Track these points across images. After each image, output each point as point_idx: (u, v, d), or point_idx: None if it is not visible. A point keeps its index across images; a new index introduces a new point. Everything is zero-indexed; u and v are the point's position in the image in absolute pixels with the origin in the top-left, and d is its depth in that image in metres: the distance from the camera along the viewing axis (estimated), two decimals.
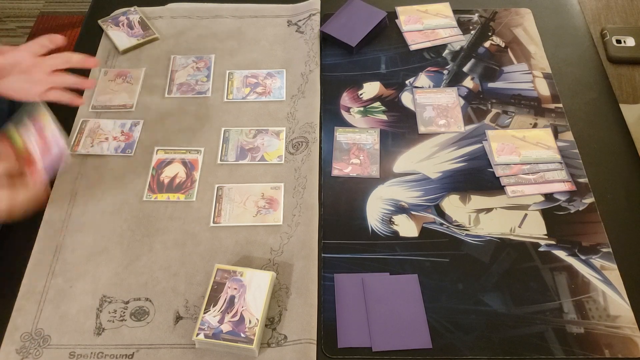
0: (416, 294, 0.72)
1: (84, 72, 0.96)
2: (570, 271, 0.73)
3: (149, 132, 0.89)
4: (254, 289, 0.69)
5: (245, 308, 0.68)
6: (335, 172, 0.84)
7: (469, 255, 0.75)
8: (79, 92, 0.90)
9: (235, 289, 0.69)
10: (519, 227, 0.77)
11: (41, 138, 0.72)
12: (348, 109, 0.91)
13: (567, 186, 0.81)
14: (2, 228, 0.80)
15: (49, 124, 0.73)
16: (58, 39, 0.82)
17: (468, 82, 0.94)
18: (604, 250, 0.75)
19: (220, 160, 0.85)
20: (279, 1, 1.07)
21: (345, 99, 0.93)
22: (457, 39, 1.00)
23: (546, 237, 0.76)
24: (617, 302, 0.70)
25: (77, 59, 0.81)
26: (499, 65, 0.96)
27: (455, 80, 0.95)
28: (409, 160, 0.85)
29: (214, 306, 0.68)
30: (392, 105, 0.92)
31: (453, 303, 0.71)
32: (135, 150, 0.87)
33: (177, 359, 0.67)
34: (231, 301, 0.68)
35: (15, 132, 0.71)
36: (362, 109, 0.91)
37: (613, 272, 0.73)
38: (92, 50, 1.00)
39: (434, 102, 0.91)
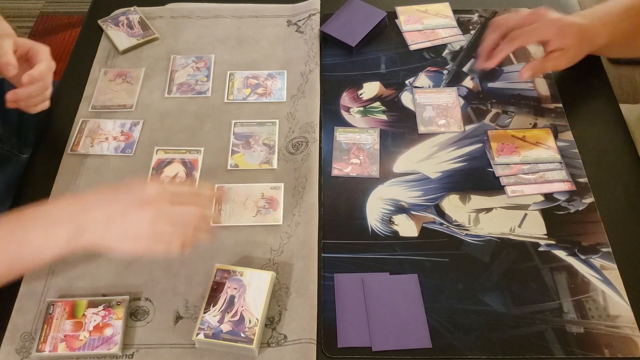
0: (416, 294, 0.72)
1: (84, 72, 0.97)
2: (570, 271, 0.73)
3: (149, 132, 0.89)
4: (254, 289, 0.69)
5: (245, 308, 0.68)
6: (335, 172, 0.84)
7: (469, 255, 0.75)
8: None
9: (235, 288, 0.69)
10: (519, 227, 0.77)
11: None
12: (348, 109, 0.91)
13: (567, 186, 0.81)
14: None
15: None
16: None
17: (468, 82, 0.94)
18: (604, 250, 0.75)
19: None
20: (279, 1, 1.07)
21: (345, 99, 0.93)
22: (457, 39, 1.00)
23: (546, 237, 0.76)
24: (617, 302, 0.70)
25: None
26: (499, 65, 0.96)
27: (455, 80, 0.95)
28: (408, 160, 0.85)
29: (213, 306, 0.68)
30: (392, 105, 0.92)
31: (453, 303, 0.71)
32: (135, 150, 0.87)
33: (177, 359, 0.67)
34: (231, 301, 0.68)
35: None
36: (362, 109, 0.91)
37: (613, 272, 0.73)
38: (92, 50, 1.00)
39: (434, 102, 0.91)
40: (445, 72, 0.96)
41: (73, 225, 0.61)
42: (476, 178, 0.82)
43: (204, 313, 0.67)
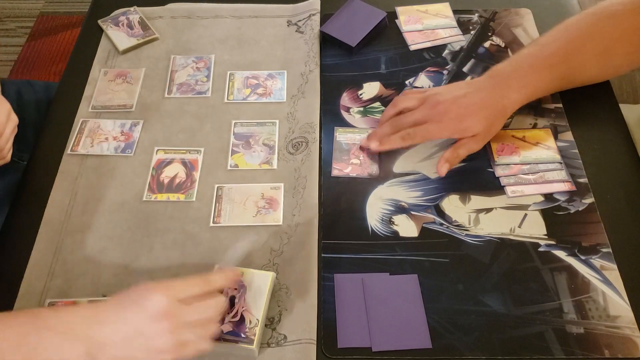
0: (416, 294, 0.72)
1: (84, 72, 0.97)
2: (570, 271, 0.73)
3: (149, 132, 0.89)
4: (254, 290, 0.69)
5: (245, 308, 0.68)
6: (335, 173, 0.84)
7: (469, 256, 0.75)
8: None
9: (235, 289, 0.69)
10: (519, 227, 0.77)
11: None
12: (348, 109, 0.91)
13: (567, 186, 0.81)
14: (2, 228, 0.80)
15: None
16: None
17: None
18: (604, 250, 0.75)
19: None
20: (279, 1, 1.07)
21: (345, 99, 0.93)
22: (457, 39, 1.00)
23: (546, 237, 0.76)
24: (617, 302, 0.70)
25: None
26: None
27: (455, 80, 0.94)
28: (409, 160, 0.85)
29: None
30: None
31: (453, 303, 0.71)
32: (135, 150, 0.87)
33: (177, 359, 0.67)
34: (231, 302, 0.68)
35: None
36: (362, 109, 0.91)
37: (613, 272, 0.73)
38: (92, 50, 1.00)
39: None
40: (445, 72, 0.96)
41: (90, 341, 0.58)
42: (476, 178, 0.82)
43: None
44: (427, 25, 1.02)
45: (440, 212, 0.79)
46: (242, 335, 0.66)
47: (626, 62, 0.85)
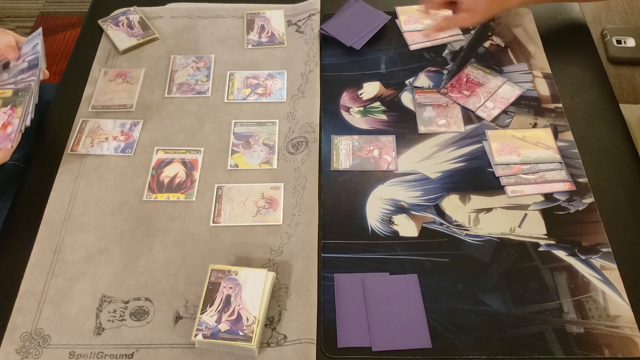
0: (416, 294, 0.72)
1: (84, 72, 0.97)
2: (570, 271, 0.73)
3: (149, 132, 0.89)
4: (250, 287, 0.69)
5: (242, 307, 0.68)
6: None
7: (469, 255, 0.75)
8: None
9: (231, 288, 0.69)
10: (519, 227, 0.77)
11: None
12: (348, 109, 0.91)
13: (567, 186, 0.81)
14: (2, 228, 0.80)
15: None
16: None
17: None
18: (604, 250, 0.75)
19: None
20: (279, 1, 1.07)
21: (345, 99, 0.93)
22: (457, 39, 1.00)
23: (546, 237, 0.76)
24: (617, 302, 0.70)
25: None
26: (499, 65, 0.96)
27: (455, 80, 0.94)
28: (409, 160, 0.85)
29: (210, 306, 0.68)
30: (392, 105, 0.92)
31: (453, 303, 0.71)
32: (135, 150, 0.87)
33: (177, 359, 0.67)
34: (227, 300, 0.68)
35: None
36: (362, 109, 0.91)
37: (613, 272, 0.73)
38: (92, 50, 1.00)
39: (434, 102, 0.91)
40: (445, 72, 0.96)
41: None
42: (476, 178, 0.82)
43: (201, 314, 0.67)
44: (427, 25, 1.02)
45: (440, 212, 0.79)
46: (240, 334, 0.66)
47: None
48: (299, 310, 0.70)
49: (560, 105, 0.90)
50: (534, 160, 0.83)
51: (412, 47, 1.00)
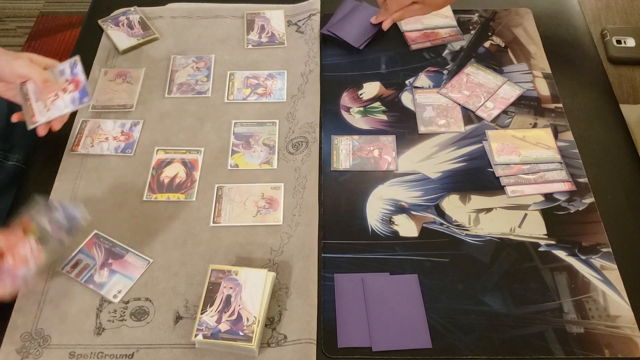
0: (416, 294, 0.72)
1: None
2: (570, 271, 0.73)
3: (149, 132, 0.89)
4: (250, 288, 0.69)
5: (242, 307, 0.68)
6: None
7: (469, 256, 0.75)
8: None
9: (231, 288, 0.69)
10: (519, 227, 0.77)
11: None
12: (348, 109, 0.91)
13: (567, 186, 0.81)
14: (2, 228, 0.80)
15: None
16: None
17: None
18: (604, 250, 0.75)
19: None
20: (279, 1, 1.07)
21: (345, 99, 0.93)
22: (457, 39, 1.00)
23: (546, 237, 0.76)
24: (617, 302, 0.70)
25: None
26: (499, 65, 0.96)
27: (454, 80, 0.94)
28: (409, 160, 0.85)
29: (210, 306, 0.68)
30: (392, 105, 0.92)
31: (453, 303, 0.71)
32: (135, 150, 0.87)
33: (177, 359, 0.67)
34: (227, 300, 0.68)
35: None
36: (362, 109, 0.91)
37: (613, 272, 0.73)
38: (92, 50, 1.00)
39: (434, 102, 0.91)
40: (445, 72, 0.96)
41: None
42: (476, 178, 0.82)
43: (201, 314, 0.67)
44: (427, 25, 1.02)
45: (441, 212, 0.79)
46: (240, 334, 0.66)
47: None
48: (299, 310, 0.70)
49: (560, 105, 0.90)
50: (534, 160, 0.83)
51: (412, 47, 1.00)
